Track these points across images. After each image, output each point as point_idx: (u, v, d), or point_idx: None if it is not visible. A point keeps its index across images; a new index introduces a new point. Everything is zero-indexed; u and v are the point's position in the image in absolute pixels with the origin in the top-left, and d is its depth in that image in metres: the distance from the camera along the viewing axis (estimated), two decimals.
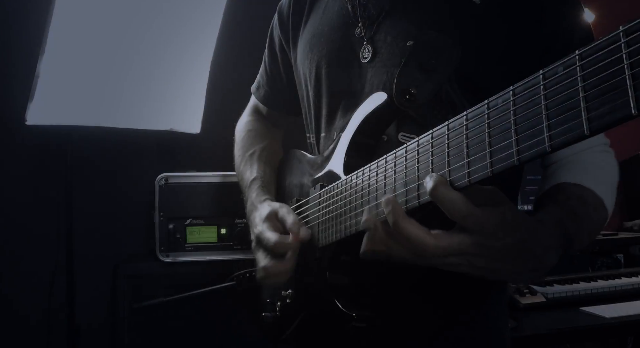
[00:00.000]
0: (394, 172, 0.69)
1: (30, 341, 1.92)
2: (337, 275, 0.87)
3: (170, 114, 1.93)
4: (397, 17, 0.90)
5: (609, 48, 0.45)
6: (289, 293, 0.97)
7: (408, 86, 0.77)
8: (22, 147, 1.96)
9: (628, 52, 0.43)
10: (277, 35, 1.17)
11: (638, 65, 0.43)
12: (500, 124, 0.54)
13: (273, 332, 1.02)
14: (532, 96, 0.52)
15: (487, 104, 0.57)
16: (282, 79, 1.19)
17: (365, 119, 0.84)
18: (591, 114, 0.46)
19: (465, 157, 0.57)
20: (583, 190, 0.81)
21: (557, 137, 0.48)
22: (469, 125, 0.58)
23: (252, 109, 1.31)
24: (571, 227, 0.74)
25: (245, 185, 1.12)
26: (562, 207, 0.77)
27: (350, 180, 0.80)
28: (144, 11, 1.75)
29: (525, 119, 0.52)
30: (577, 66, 0.47)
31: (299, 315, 0.95)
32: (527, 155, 0.51)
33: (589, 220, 0.79)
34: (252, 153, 1.17)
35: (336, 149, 0.90)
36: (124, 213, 2.10)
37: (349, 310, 0.82)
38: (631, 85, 0.43)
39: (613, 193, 0.86)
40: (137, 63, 1.78)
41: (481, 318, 0.93)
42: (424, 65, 0.77)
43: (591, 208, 0.80)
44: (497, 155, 0.54)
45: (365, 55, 0.92)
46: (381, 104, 0.81)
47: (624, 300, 1.81)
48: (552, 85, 0.50)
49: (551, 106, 0.49)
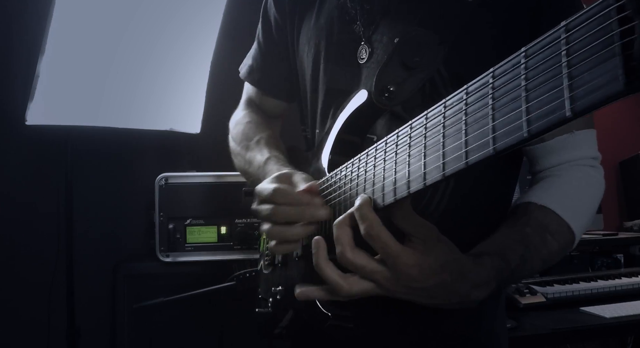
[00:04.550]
0: (374, 167, 0.68)
1: (30, 341, 1.92)
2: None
3: (170, 114, 1.93)
4: (394, 17, 0.90)
5: (550, 44, 0.42)
6: (279, 290, 0.97)
7: (387, 84, 0.76)
8: (22, 147, 1.96)
9: (567, 49, 0.40)
10: (272, 15, 1.11)
11: (576, 62, 0.39)
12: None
13: (266, 327, 1.02)
14: (482, 95, 0.49)
15: (444, 103, 0.54)
16: (278, 60, 1.12)
17: (348, 117, 0.84)
18: (531, 116, 0.42)
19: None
20: (547, 214, 0.80)
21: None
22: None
23: (247, 102, 1.24)
24: (514, 259, 0.74)
25: (259, 166, 1.00)
26: (513, 236, 0.77)
27: (332, 177, 0.80)
28: (144, 11, 1.75)
29: (474, 120, 0.49)
30: (522, 64, 0.44)
31: (289, 312, 0.96)
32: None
33: (545, 249, 0.78)
34: (259, 139, 1.07)
35: (324, 146, 0.90)
36: (124, 213, 2.10)
37: (327, 309, 0.82)
38: (567, 86, 0.39)
39: (586, 214, 0.84)
40: (137, 63, 1.78)
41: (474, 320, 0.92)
42: (408, 62, 0.76)
43: (550, 236, 0.79)
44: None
45: (363, 56, 0.91)
46: (362, 102, 0.81)
47: (624, 300, 1.81)
48: (501, 84, 0.47)
49: (497, 106, 0.46)
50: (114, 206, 2.09)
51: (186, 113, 2.00)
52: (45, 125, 1.65)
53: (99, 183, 2.06)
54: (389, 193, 0.63)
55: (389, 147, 0.65)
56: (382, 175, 0.64)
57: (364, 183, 0.69)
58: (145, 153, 2.15)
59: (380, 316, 0.89)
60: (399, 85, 0.76)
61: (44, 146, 1.96)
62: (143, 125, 1.87)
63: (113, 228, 2.08)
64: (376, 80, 0.77)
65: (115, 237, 2.07)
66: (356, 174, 0.72)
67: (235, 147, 1.14)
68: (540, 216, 0.80)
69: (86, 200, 1.99)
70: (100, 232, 2.05)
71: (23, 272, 1.93)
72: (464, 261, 0.69)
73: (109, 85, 1.73)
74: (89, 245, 1.99)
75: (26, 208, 1.96)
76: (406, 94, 0.77)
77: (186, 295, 1.68)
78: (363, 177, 0.70)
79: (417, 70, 0.76)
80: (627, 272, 2.02)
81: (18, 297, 1.91)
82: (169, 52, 1.85)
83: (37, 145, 1.96)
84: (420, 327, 0.90)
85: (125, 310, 1.71)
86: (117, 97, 1.75)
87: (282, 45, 1.11)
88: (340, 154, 0.85)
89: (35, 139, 1.90)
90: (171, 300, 1.69)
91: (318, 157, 0.92)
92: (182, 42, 1.88)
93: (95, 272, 1.96)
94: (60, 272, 1.85)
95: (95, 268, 1.96)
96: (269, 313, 1.02)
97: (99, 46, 1.68)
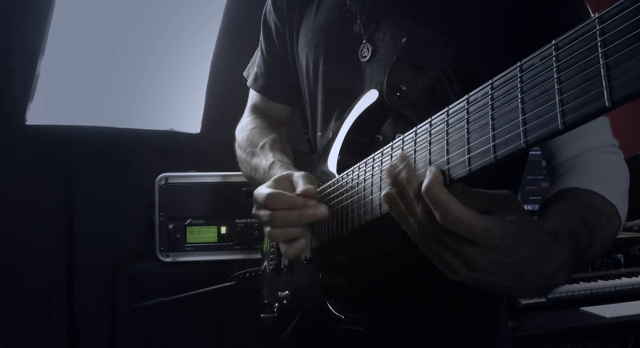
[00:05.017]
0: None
1: (30, 341, 1.92)
2: (330, 276, 0.86)
3: (170, 114, 1.93)
4: (396, 15, 0.89)
5: (584, 36, 0.42)
6: (286, 294, 0.96)
7: (399, 83, 0.76)
8: (22, 147, 1.96)
9: (602, 40, 0.40)
10: (272, 20, 1.12)
11: (613, 53, 0.39)
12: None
13: (271, 333, 1.01)
14: (510, 89, 0.49)
15: (467, 99, 0.55)
16: (281, 65, 1.12)
17: (358, 117, 0.84)
18: (565, 107, 0.43)
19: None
20: (595, 197, 0.76)
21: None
22: (449, 120, 0.55)
23: (252, 108, 1.25)
24: (584, 240, 0.67)
25: (264, 171, 0.99)
26: (574, 218, 0.71)
27: (342, 178, 0.79)
28: (144, 11, 1.75)
29: (502, 114, 0.49)
30: (552, 56, 0.44)
31: (295, 317, 0.95)
32: (503, 152, 0.48)
33: (602, 232, 0.72)
34: (263, 145, 1.07)
35: (331, 148, 0.89)
36: (124, 213, 2.10)
37: (340, 312, 0.81)
38: (605, 76, 0.39)
39: (625, 199, 0.80)
40: (137, 63, 1.78)
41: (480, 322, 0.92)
42: (417, 61, 0.75)
43: (604, 219, 0.73)
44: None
45: (365, 54, 0.91)
46: (373, 102, 0.81)
47: (624, 300, 1.81)
48: (529, 77, 0.47)
49: (527, 99, 0.47)
50: (114, 206, 2.09)
51: (186, 113, 2.00)
52: (45, 125, 1.65)
53: (99, 184, 2.06)
54: None
55: (406, 145, 0.63)
56: None
57: (380, 183, 0.68)
58: (145, 153, 2.14)
59: (390, 318, 0.89)
60: (410, 84, 0.76)
61: (44, 146, 1.96)
62: (143, 125, 1.87)
63: (113, 228, 2.08)
64: (387, 79, 0.76)
65: (115, 237, 2.07)
66: (370, 174, 0.71)
67: (241, 154, 1.14)
68: (589, 199, 0.76)
69: (86, 200, 1.99)
70: (100, 232, 2.05)
71: (23, 272, 1.93)
72: (548, 237, 0.61)
73: (109, 85, 1.73)
74: (89, 245, 1.98)
75: (26, 208, 1.96)
76: (417, 93, 0.76)
77: (186, 295, 1.68)
78: (378, 177, 0.68)
79: (426, 69, 0.76)
80: (627, 272, 2.02)
81: (18, 297, 1.91)
82: (169, 52, 1.85)
83: (37, 145, 1.96)
84: (428, 329, 0.90)
85: (125, 310, 1.71)
86: (117, 97, 1.75)
87: (283, 50, 1.11)
88: (349, 154, 0.84)
89: (35, 139, 1.90)
90: (171, 300, 1.69)
91: (325, 159, 0.91)
92: (182, 42, 1.87)
93: (95, 272, 1.96)
94: (60, 272, 1.85)
95: (95, 268, 1.96)
96: (274, 318, 1.00)
97: (99, 46, 1.68)
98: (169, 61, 1.86)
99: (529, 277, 0.59)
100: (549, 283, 0.62)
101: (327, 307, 0.81)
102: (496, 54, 0.82)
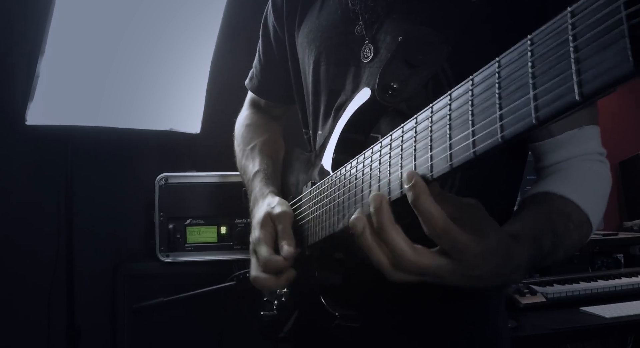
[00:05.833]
0: (379, 163, 0.67)
1: (30, 341, 1.92)
2: (325, 273, 0.86)
3: (170, 114, 1.93)
4: (398, 15, 0.90)
5: (556, 30, 0.41)
6: (285, 292, 0.97)
7: (391, 81, 0.76)
8: (22, 147, 1.96)
9: (573, 34, 0.40)
10: (271, 23, 1.14)
11: (582, 47, 0.38)
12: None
13: (271, 330, 1.02)
14: (489, 85, 0.48)
15: (449, 95, 0.54)
16: (276, 67, 1.16)
17: (352, 116, 0.84)
18: (539, 101, 0.42)
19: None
20: (567, 204, 0.79)
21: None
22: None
23: (250, 102, 1.29)
24: (547, 245, 0.72)
25: (249, 179, 1.09)
26: (543, 223, 0.75)
27: (336, 176, 0.80)
28: (144, 11, 1.75)
29: (481, 110, 0.48)
30: (527, 51, 0.44)
31: (294, 314, 0.95)
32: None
33: (569, 238, 0.77)
34: (253, 147, 1.15)
35: (327, 146, 0.90)
36: (124, 213, 2.10)
37: (334, 309, 0.81)
38: (575, 70, 0.39)
39: (601, 208, 0.84)
40: (137, 63, 1.78)
41: (479, 320, 0.92)
42: (411, 60, 0.76)
43: (573, 225, 0.77)
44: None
45: (367, 55, 0.91)
46: (366, 100, 0.81)
47: (624, 300, 1.81)
48: (507, 73, 0.46)
49: (504, 95, 0.46)
50: (114, 206, 2.09)
51: (186, 113, 2.00)
52: (45, 125, 1.65)
53: (99, 183, 2.06)
54: (395, 188, 0.62)
55: (394, 142, 0.64)
56: (388, 171, 0.64)
57: (369, 179, 0.68)
58: (145, 153, 2.15)
59: (386, 316, 0.89)
60: (402, 82, 0.76)
61: (44, 146, 1.96)
62: (143, 125, 1.87)
63: (113, 228, 2.08)
64: (379, 77, 0.77)
65: (115, 237, 2.07)
66: (361, 171, 0.71)
67: (236, 150, 1.21)
68: (562, 205, 0.79)
69: (86, 200, 1.99)
70: (100, 232, 2.05)
71: (23, 272, 1.93)
72: (509, 241, 0.66)
73: (109, 85, 1.73)
74: (89, 245, 1.99)
75: (26, 208, 1.96)
76: (410, 91, 0.76)
77: (186, 295, 1.68)
78: (368, 174, 0.69)
79: (421, 68, 0.76)
80: (627, 272, 2.02)
81: (18, 297, 1.91)
82: (169, 52, 1.85)
83: (37, 145, 1.96)
84: (425, 326, 0.90)
85: (125, 310, 1.71)
86: (117, 97, 1.75)
87: (279, 52, 1.14)
88: (344, 153, 0.85)
89: (35, 139, 1.90)
90: (171, 300, 1.69)
91: (320, 157, 0.92)
92: (182, 42, 1.88)
93: (95, 272, 1.96)
94: (60, 272, 1.85)
95: (95, 268, 1.96)
96: (274, 315, 1.01)
97: (99, 46, 1.68)
98: (169, 61, 1.86)
99: (487, 281, 0.65)
100: (506, 280, 0.68)
101: (322, 303, 0.82)
102: (497, 53, 0.82)
